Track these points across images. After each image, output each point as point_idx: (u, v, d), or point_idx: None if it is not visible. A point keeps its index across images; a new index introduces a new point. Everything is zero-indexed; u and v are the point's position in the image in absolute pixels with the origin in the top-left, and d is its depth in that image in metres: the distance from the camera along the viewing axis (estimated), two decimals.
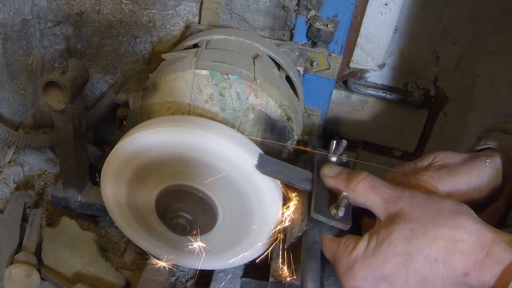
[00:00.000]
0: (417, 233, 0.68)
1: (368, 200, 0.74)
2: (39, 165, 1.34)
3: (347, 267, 0.72)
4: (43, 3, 1.28)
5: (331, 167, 0.82)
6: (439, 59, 1.46)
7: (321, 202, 0.79)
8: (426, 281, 0.67)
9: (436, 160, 0.85)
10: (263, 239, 0.93)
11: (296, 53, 1.16)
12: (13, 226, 1.12)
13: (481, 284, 0.64)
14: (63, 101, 1.00)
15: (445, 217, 0.68)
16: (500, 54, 1.41)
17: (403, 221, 0.69)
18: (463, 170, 0.81)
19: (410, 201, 0.71)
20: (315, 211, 0.77)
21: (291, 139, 1.01)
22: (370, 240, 0.72)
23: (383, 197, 0.73)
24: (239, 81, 0.94)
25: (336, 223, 0.77)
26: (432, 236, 0.67)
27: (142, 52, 1.32)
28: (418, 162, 0.86)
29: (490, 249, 0.64)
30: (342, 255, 0.74)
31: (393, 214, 0.71)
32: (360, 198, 0.75)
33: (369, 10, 1.26)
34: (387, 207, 0.72)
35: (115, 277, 1.10)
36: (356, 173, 0.77)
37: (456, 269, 0.65)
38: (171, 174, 0.90)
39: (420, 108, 1.55)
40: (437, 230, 0.67)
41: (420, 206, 0.70)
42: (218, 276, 1.07)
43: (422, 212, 0.69)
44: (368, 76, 1.54)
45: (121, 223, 1.02)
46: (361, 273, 0.71)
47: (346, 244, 0.74)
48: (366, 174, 0.76)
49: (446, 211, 0.69)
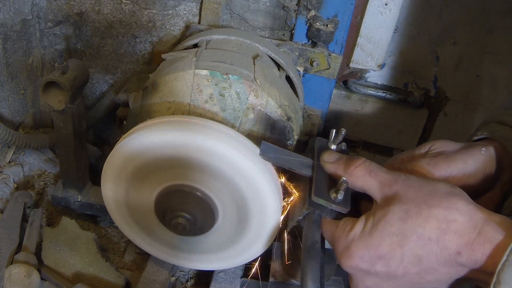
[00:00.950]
0: (411, 213, 0.70)
1: (366, 184, 0.77)
2: (39, 165, 1.34)
3: (345, 247, 0.75)
4: (43, 3, 1.28)
5: (330, 154, 0.84)
6: (439, 59, 1.46)
7: (321, 187, 0.82)
8: (420, 260, 0.69)
9: (433, 148, 0.87)
10: (263, 239, 0.93)
11: (296, 53, 1.16)
12: (13, 226, 1.12)
13: (473, 263, 0.66)
14: (63, 101, 1.00)
15: (438, 198, 0.70)
16: (500, 54, 1.41)
17: (398, 202, 0.72)
18: (459, 157, 0.83)
19: (405, 184, 0.73)
20: (316, 195, 0.80)
21: (291, 139, 1.01)
22: (367, 221, 0.74)
23: (380, 180, 0.75)
24: (239, 81, 0.94)
25: (335, 206, 0.79)
26: (426, 216, 0.69)
27: (142, 52, 1.32)
28: (416, 150, 0.88)
29: (481, 228, 0.66)
30: (340, 236, 0.76)
31: (389, 197, 0.73)
32: (358, 182, 0.77)
33: (369, 10, 1.25)
34: (383, 190, 0.74)
35: (115, 277, 1.10)
36: (354, 158, 0.80)
37: (449, 248, 0.67)
38: (170, 174, 0.90)
39: (420, 108, 1.55)
40: (430, 210, 0.69)
41: (414, 189, 0.72)
42: (218, 276, 1.07)
43: (416, 194, 0.71)
44: (368, 76, 1.54)
45: (121, 223, 1.02)
46: (358, 252, 0.73)
47: (344, 225, 0.76)
48: (364, 160, 0.79)
49: (440, 193, 0.71)
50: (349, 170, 0.78)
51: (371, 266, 0.72)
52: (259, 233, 0.93)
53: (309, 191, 0.83)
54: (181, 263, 1.06)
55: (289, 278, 1.00)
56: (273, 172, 0.90)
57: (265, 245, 0.95)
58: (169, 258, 1.05)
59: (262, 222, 0.91)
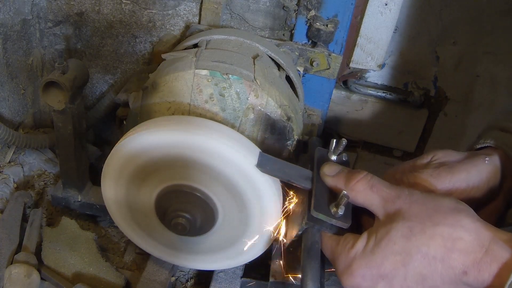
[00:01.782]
0: (416, 231, 0.68)
1: (367, 199, 0.74)
2: (39, 165, 1.34)
3: (346, 265, 0.73)
4: (43, 3, 1.28)
5: (331, 166, 0.82)
6: (439, 59, 1.46)
7: (321, 201, 0.79)
8: (424, 280, 0.67)
9: (435, 159, 0.85)
10: (263, 239, 0.93)
11: (296, 53, 1.16)
12: (13, 226, 1.12)
13: (480, 283, 0.64)
14: (63, 101, 1.00)
15: (443, 215, 0.68)
16: (500, 54, 1.41)
17: (401, 219, 0.69)
18: (462, 168, 0.81)
19: (409, 199, 0.71)
20: (315, 210, 0.77)
21: (291, 139, 1.00)
22: (369, 238, 0.72)
23: (382, 196, 0.73)
24: (239, 81, 0.94)
25: (336, 221, 0.77)
26: (430, 234, 0.67)
27: (142, 52, 1.32)
28: (417, 160, 0.86)
29: (488, 247, 0.64)
30: (340, 253, 0.74)
31: (392, 213, 0.71)
32: (359, 197, 0.75)
33: (369, 10, 1.25)
34: (386, 206, 0.72)
35: (115, 277, 1.10)
36: (356, 172, 0.77)
37: (454, 267, 0.65)
38: (171, 174, 0.90)
39: (420, 108, 1.55)
40: (435, 228, 0.67)
41: (418, 204, 0.70)
42: (218, 276, 1.07)
43: (420, 210, 0.69)
44: (368, 76, 1.54)
45: (121, 223, 1.02)
46: (359, 271, 0.71)
47: (345, 242, 0.74)
48: (366, 174, 0.76)
49: (445, 209, 0.69)
50: (350, 185, 0.76)
51: (373, 285, 0.70)
52: (259, 232, 0.93)
53: (308, 205, 0.81)
54: (181, 263, 1.06)
55: (289, 278, 1.00)
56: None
57: (265, 245, 0.95)
58: (169, 258, 1.05)
59: (262, 221, 0.91)
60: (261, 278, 1.06)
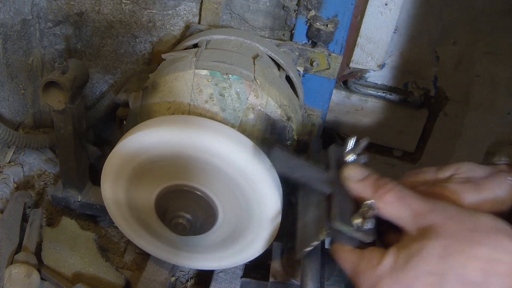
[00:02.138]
0: (451, 251, 0.62)
1: (396, 212, 0.68)
2: (39, 165, 1.34)
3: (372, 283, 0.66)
4: (43, 3, 1.28)
5: (355, 170, 0.73)
6: (439, 59, 1.46)
7: (343, 210, 0.70)
8: None
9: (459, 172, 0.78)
10: (263, 239, 0.93)
11: (296, 53, 1.16)
12: (13, 226, 1.12)
13: None
14: (63, 101, 1.00)
15: (482, 234, 0.63)
16: (500, 54, 1.41)
17: (435, 236, 0.64)
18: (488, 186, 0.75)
19: (444, 215, 0.66)
20: (339, 220, 0.69)
21: (291, 139, 1.01)
22: (398, 254, 0.65)
23: (413, 209, 0.67)
24: (239, 81, 0.94)
25: (361, 235, 0.69)
26: (468, 255, 0.61)
27: (142, 52, 1.32)
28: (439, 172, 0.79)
29: None
30: (365, 269, 0.67)
31: (424, 228, 0.65)
32: (387, 209, 0.68)
33: (369, 10, 1.25)
34: (418, 220, 0.66)
35: (115, 277, 1.10)
36: (384, 180, 0.71)
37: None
38: (171, 174, 0.90)
39: (420, 108, 1.54)
40: (473, 249, 0.62)
41: (454, 221, 0.65)
42: (218, 276, 1.07)
43: (457, 228, 0.64)
44: (368, 76, 1.54)
45: (120, 223, 1.02)
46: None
47: (370, 257, 0.68)
48: (396, 183, 0.70)
49: (484, 228, 0.63)
50: (378, 194, 0.69)
51: None
52: (259, 232, 0.93)
53: (327, 212, 0.72)
54: (181, 263, 1.06)
55: (289, 278, 1.00)
56: (273, 171, 0.90)
57: (265, 245, 0.95)
58: (169, 258, 1.05)
59: (262, 221, 0.91)
60: (261, 278, 1.06)
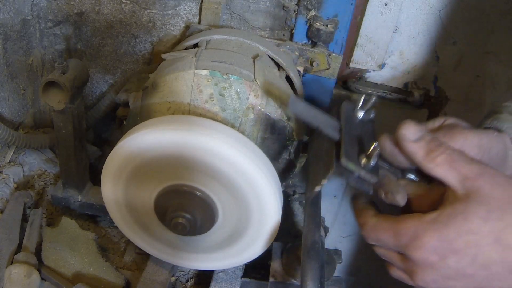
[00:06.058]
0: (494, 215, 0.66)
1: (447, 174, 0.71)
2: (39, 165, 1.34)
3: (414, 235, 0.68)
4: (43, 3, 1.28)
5: (411, 129, 0.75)
6: (439, 59, 1.46)
7: (351, 150, 0.76)
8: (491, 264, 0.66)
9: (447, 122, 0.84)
10: (263, 239, 0.93)
11: (296, 53, 1.16)
12: (13, 226, 1.12)
13: None
14: (63, 101, 1.00)
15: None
16: (500, 54, 1.41)
17: (481, 200, 0.67)
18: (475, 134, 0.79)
19: (491, 180, 0.68)
20: (345, 158, 0.73)
21: (291, 139, 1.01)
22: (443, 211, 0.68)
23: (462, 173, 0.70)
24: (239, 81, 0.94)
25: (365, 173, 0.74)
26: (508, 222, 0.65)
27: (142, 52, 1.32)
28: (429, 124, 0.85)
29: None
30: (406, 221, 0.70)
31: (472, 191, 0.68)
32: (438, 170, 0.71)
33: (369, 10, 1.26)
34: (466, 183, 0.69)
35: (115, 277, 1.10)
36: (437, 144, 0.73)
37: None
38: (171, 174, 0.90)
39: (420, 108, 1.54)
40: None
41: (501, 188, 0.67)
42: (218, 276, 1.07)
43: (502, 195, 0.67)
44: (368, 76, 1.54)
45: (120, 223, 1.02)
46: (431, 243, 0.67)
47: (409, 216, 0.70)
48: (447, 147, 0.73)
49: None
50: (431, 156, 0.71)
51: (443, 259, 0.67)
52: (260, 232, 0.93)
53: (336, 155, 0.77)
54: (181, 263, 1.06)
55: (289, 278, 1.00)
56: (273, 172, 0.90)
57: (265, 245, 0.95)
58: (169, 258, 1.05)
59: (262, 221, 0.91)
60: (261, 278, 1.06)
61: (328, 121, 0.82)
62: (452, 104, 1.53)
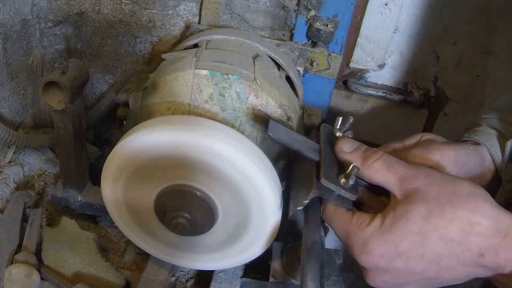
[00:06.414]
0: (435, 213, 0.68)
1: (384, 178, 0.75)
2: (39, 165, 1.34)
3: (362, 243, 0.73)
4: (43, 3, 1.28)
5: (347, 142, 0.81)
6: (439, 59, 1.46)
7: (330, 171, 0.79)
8: (440, 260, 0.69)
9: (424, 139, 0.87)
10: (263, 239, 0.93)
11: (296, 53, 1.16)
12: (13, 226, 1.12)
13: (496, 265, 0.66)
14: (63, 101, 1.00)
15: (462, 199, 0.68)
16: (500, 54, 1.41)
17: (420, 200, 0.70)
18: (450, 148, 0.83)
19: (427, 180, 0.71)
20: (325, 178, 0.77)
21: None
22: (386, 216, 0.72)
23: (400, 175, 0.73)
24: (239, 81, 0.94)
25: (345, 192, 0.77)
26: (449, 217, 0.68)
27: (142, 52, 1.32)
28: (406, 140, 0.88)
29: (507, 233, 0.65)
30: (356, 231, 0.74)
31: (410, 192, 0.71)
32: (376, 175, 0.75)
33: (369, 10, 1.26)
34: (404, 185, 0.72)
35: (115, 277, 1.10)
36: (373, 151, 0.78)
37: (471, 249, 0.67)
38: (171, 174, 0.90)
39: (420, 108, 1.55)
40: (454, 211, 0.68)
41: (437, 186, 0.70)
42: (218, 276, 1.07)
43: (439, 192, 0.70)
44: (368, 76, 1.54)
45: (120, 223, 1.02)
46: (377, 249, 0.71)
47: (360, 220, 0.74)
48: (382, 153, 0.77)
49: (464, 193, 0.69)
50: (367, 163, 0.76)
51: (390, 263, 0.71)
52: (259, 232, 0.93)
53: (316, 175, 0.80)
54: (181, 263, 1.06)
55: (289, 278, 1.00)
56: (273, 171, 0.90)
57: (265, 245, 0.95)
58: (169, 258, 1.05)
59: (262, 221, 0.91)
60: (261, 278, 1.06)
61: (308, 144, 0.86)
62: (452, 104, 1.53)
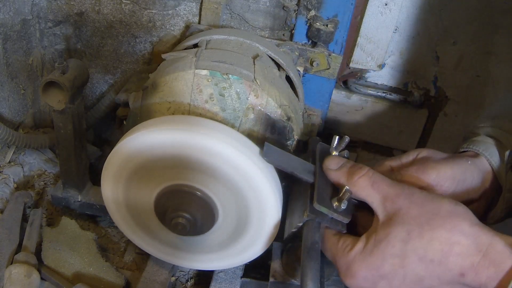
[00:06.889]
0: (414, 235, 0.69)
1: (368, 195, 0.76)
2: (39, 165, 1.34)
3: (346, 267, 0.74)
4: (43, 3, 1.28)
5: (333, 160, 0.83)
6: (439, 59, 1.46)
7: (324, 194, 0.80)
8: (421, 280, 0.69)
9: (420, 156, 0.88)
10: (263, 239, 0.93)
11: (296, 53, 1.16)
12: (13, 226, 1.12)
13: (477, 284, 0.66)
14: (63, 101, 1.00)
15: (441, 218, 0.69)
16: (500, 54, 1.41)
17: (400, 222, 0.71)
18: (447, 165, 0.84)
19: (408, 200, 0.72)
20: (318, 202, 0.78)
21: (291, 139, 1.01)
22: (368, 240, 0.73)
23: (382, 194, 0.74)
24: (239, 81, 0.94)
25: (337, 215, 0.78)
26: (428, 238, 0.68)
27: (142, 52, 1.32)
28: (403, 158, 0.89)
29: (486, 251, 0.66)
30: (340, 255, 0.76)
31: (391, 214, 0.72)
32: (361, 193, 0.77)
33: (369, 10, 1.26)
34: (386, 205, 0.73)
35: (115, 277, 1.10)
36: (358, 167, 0.79)
37: (451, 269, 0.67)
38: (171, 174, 0.90)
39: (420, 108, 1.55)
40: (433, 232, 0.68)
41: (417, 206, 0.71)
42: (218, 276, 1.07)
43: (419, 213, 0.70)
44: (368, 76, 1.54)
45: (120, 223, 1.02)
46: (360, 272, 0.72)
47: (344, 244, 0.76)
48: (368, 169, 0.78)
49: (443, 212, 0.70)
50: (352, 180, 0.77)
51: (374, 284, 0.72)
52: (260, 232, 0.93)
53: (310, 198, 0.81)
54: (181, 263, 1.06)
55: (289, 278, 1.00)
56: (273, 172, 0.90)
57: (265, 245, 0.95)
58: (169, 258, 1.05)
59: (262, 221, 0.91)
60: (261, 278, 1.06)
61: (303, 165, 0.86)
62: (452, 104, 1.53)
